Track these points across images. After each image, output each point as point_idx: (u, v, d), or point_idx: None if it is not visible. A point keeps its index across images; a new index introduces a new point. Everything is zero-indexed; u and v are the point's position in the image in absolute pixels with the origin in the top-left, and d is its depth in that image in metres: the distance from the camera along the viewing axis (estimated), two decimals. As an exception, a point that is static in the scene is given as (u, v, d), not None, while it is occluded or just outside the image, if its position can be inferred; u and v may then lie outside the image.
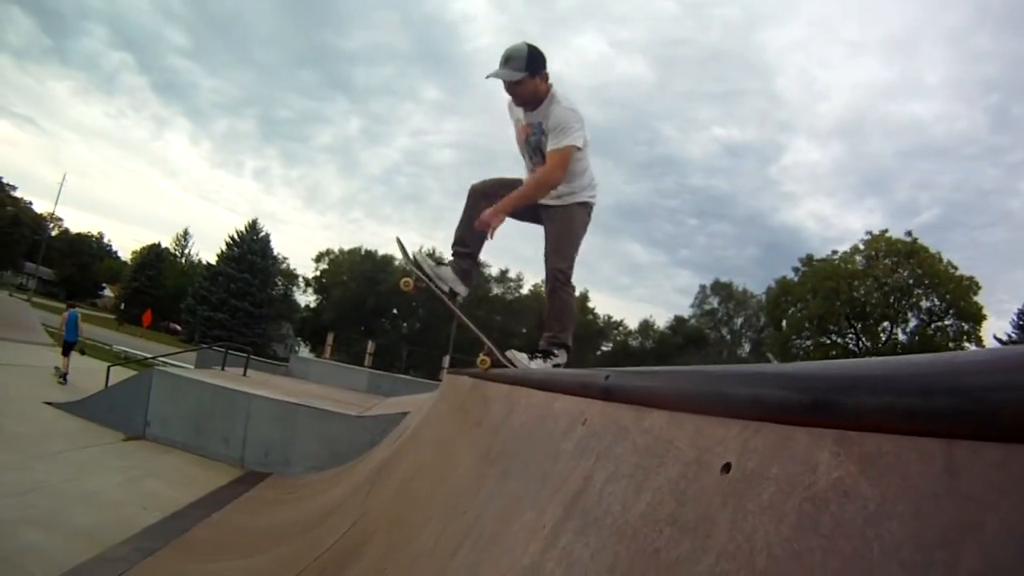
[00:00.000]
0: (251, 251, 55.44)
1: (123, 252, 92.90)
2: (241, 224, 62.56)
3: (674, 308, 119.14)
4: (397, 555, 3.38)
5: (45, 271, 76.56)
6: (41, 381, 15.10)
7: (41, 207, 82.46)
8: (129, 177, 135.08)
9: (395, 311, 66.10)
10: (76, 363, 16.81)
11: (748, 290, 68.82)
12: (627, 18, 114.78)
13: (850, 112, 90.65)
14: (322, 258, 71.14)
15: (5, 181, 74.54)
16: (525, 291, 66.26)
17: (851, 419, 0.86)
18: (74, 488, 7.64)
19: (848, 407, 0.87)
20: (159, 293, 65.19)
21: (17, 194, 76.61)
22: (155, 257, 70.52)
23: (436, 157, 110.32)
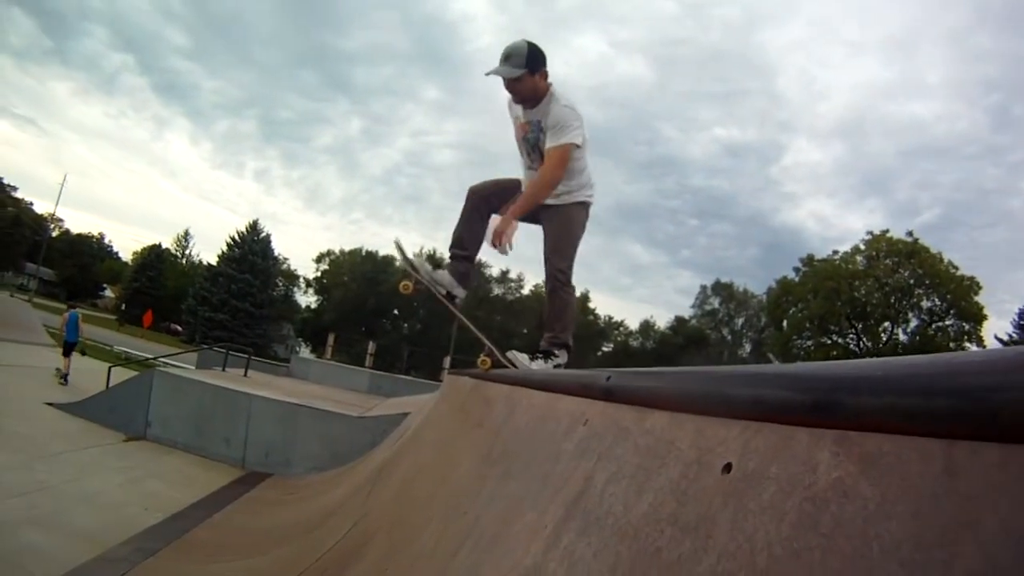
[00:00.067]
0: (252, 252, 55.47)
1: (124, 253, 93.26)
2: (242, 225, 62.87)
3: (675, 308, 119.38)
4: (398, 556, 3.39)
5: (46, 272, 76.59)
6: (42, 382, 15.09)
7: (42, 208, 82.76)
8: (130, 178, 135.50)
9: (396, 312, 66.11)
10: (77, 364, 16.82)
11: (749, 290, 68.96)
12: (627, 18, 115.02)
13: (850, 112, 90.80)
14: (323, 259, 71.36)
15: (6, 182, 74.89)
16: (526, 291, 66.36)
17: (851, 419, 0.86)
18: (75, 489, 7.64)
19: (849, 407, 0.87)
20: (160, 294, 65.19)
21: (18, 195, 76.95)
22: (156, 258, 70.52)
23: (437, 158, 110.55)
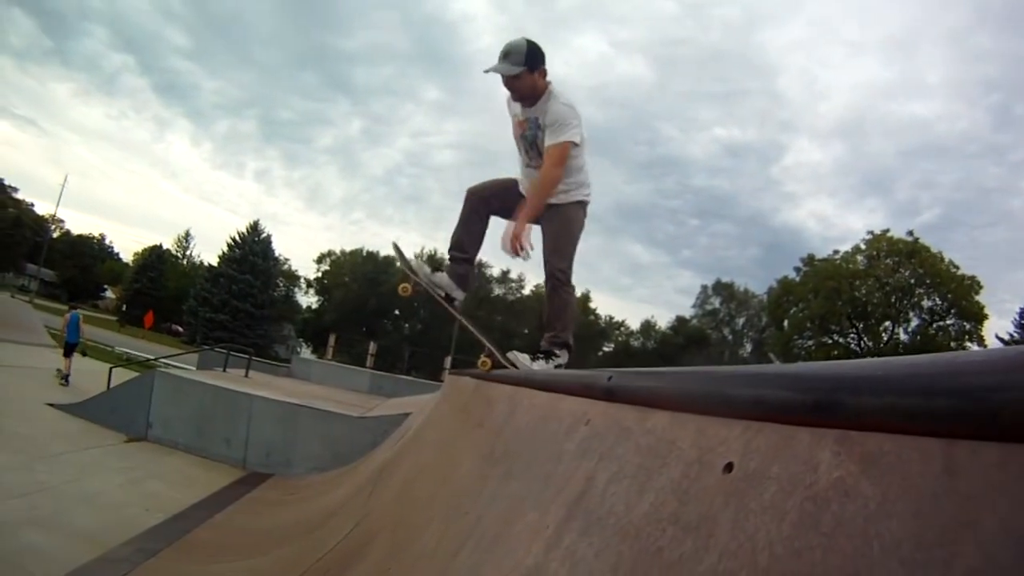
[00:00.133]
0: (253, 252, 55.44)
1: (125, 254, 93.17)
2: (243, 225, 62.86)
3: (676, 308, 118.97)
4: (400, 556, 3.39)
5: (47, 273, 76.57)
6: (43, 382, 15.09)
7: (43, 209, 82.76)
8: (130, 178, 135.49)
9: (397, 312, 66.11)
10: (78, 364, 16.82)
11: (750, 290, 68.84)
12: (627, 18, 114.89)
13: (851, 112, 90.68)
14: (324, 259, 71.37)
15: (7, 183, 74.90)
16: (527, 292, 66.31)
17: (852, 419, 0.87)
18: (76, 489, 7.64)
19: (850, 407, 0.88)
20: (161, 295, 65.17)
21: (19, 196, 76.95)
22: (157, 259, 70.48)
23: (437, 158, 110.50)
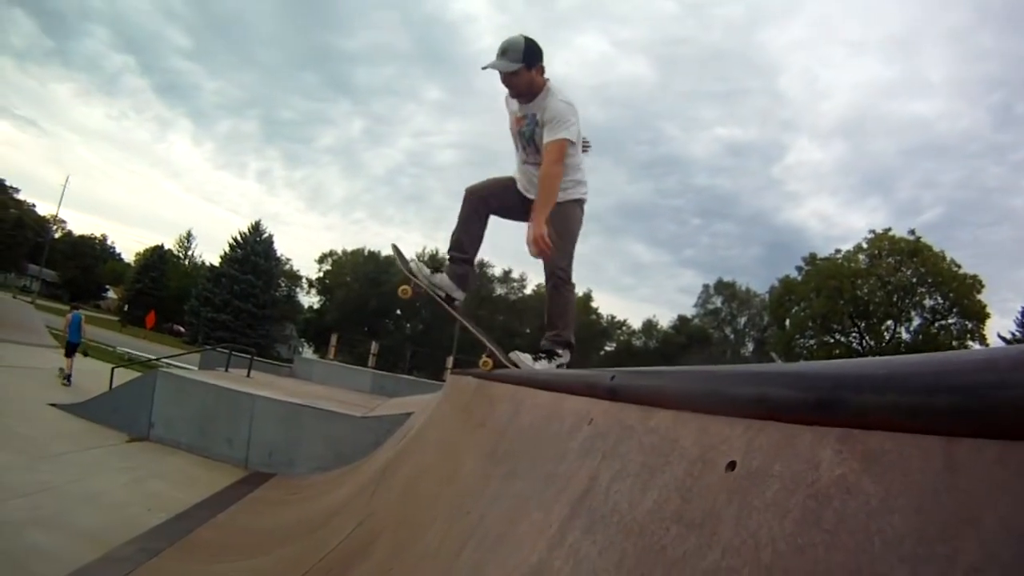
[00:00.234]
0: (254, 252, 55.47)
1: (126, 254, 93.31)
2: (244, 225, 62.96)
3: (677, 308, 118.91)
4: (403, 555, 3.39)
5: (48, 273, 76.58)
6: (45, 383, 15.10)
7: (44, 209, 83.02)
8: (132, 179, 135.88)
9: (398, 312, 66.12)
10: (80, 365, 16.81)
11: (751, 289, 68.85)
12: (628, 18, 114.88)
13: (852, 111, 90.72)
14: (325, 259, 71.41)
15: (8, 183, 74.98)
16: (528, 291, 66.28)
17: (854, 417, 0.88)
18: (79, 489, 7.65)
19: (851, 406, 0.88)
20: (162, 295, 65.18)
21: (20, 196, 77.04)
22: (158, 259, 70.50)
23: (438, 158, 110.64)
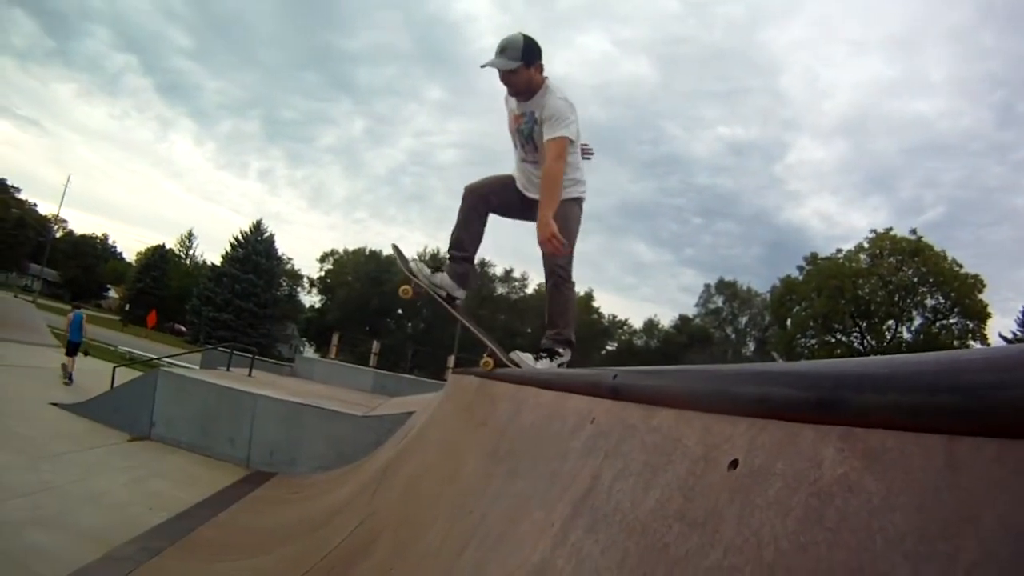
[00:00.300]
0: (256, 252, 55.43)
1: (128, 253, 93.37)
2: (246, 225, 62.99)
3: (679, 307, 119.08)
4: (404, 554, 3.40)
5: (50, 273, 76.62)
6: (46, 382, 15.08)
7: (45, 209, 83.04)
8: (133, 178, 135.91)
9: (400, 311, 66.11)
10: (81, 364, 16.79)
11: (753, 289, 68.83)
12: (630, 17, 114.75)
13: (854, 110, 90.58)
14: (327, 258, 71.43)
15: (9, 183, 75.12)
16: (530, 290, 66.25)
17: (856, 416, 0.88)
18: (80, 489, 7.66)
19: (853, 404, 0.89)
20: (164, 294, 65.13)
21: (22, 196, 77.17)
22: (160, 258, 70.47)
23: (440, 157, 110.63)
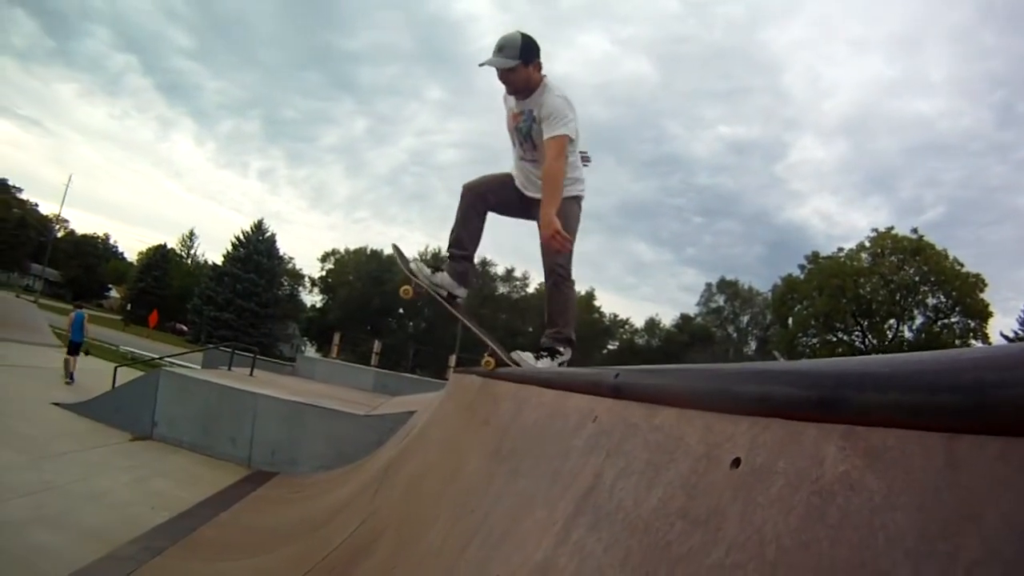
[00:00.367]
0: (257, 251, 55.41)
1: (129, 253, 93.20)
2: (247, 224, 62.95)
3: (680, 306, 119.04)
4: (407, 553, 3.40)
5: (51, 272, 76.66)
6: (48, 382, 15.08)
7: (47, 209, 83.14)
8: (134, 178, 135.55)
9: (401, 311, 66.12)
10: (83, 364, 16.79)
11: (754, 288, 68.75)
12: (631, 16, 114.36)
13: (855, 109, 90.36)
14: (328, 258, 71.46)
15: (11, 183, 75.25)
16: (531, 290, 66.22)
17: (857, 415, 0.88)
18: (82, 488, 7.67)
19: (854, 403, 0.89)
20: (165, 294, 65.11)
21: (23, 196, 77.37)
22: (161, 258, 70.43)
23: (441, 157, 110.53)
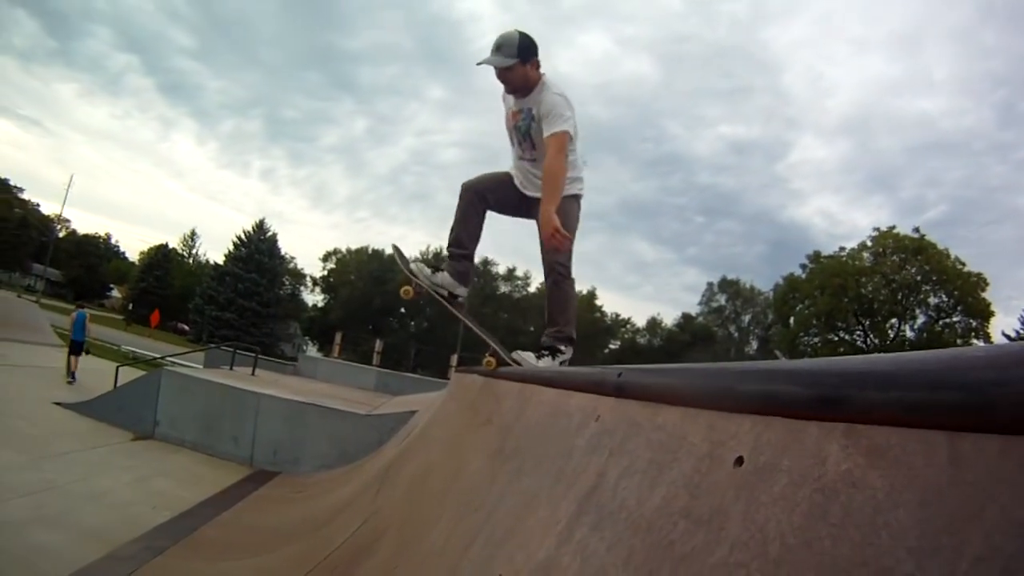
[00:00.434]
0: (258, 251, 55.45)
1: (130, 253, 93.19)
2: (248, 224, 62.97)
3: (682, 306, 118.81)
4: (409, 552, 3.41)
5: (53, 272, 76.66)
6: (50, 381, 15.11)
7: (48, 209, 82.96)
8: (136, 178, 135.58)
9: (403, 310, 66.10)
10: (84, 363, 16.81)
11: (756, 287, 68.71)
12: (632, 16, 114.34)
13: (857, 108, 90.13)
14: (329, 257, 71.52)
15: (12, 183, 75.33)
16: (532, 289, 66.17)
17: (860, 413, 0.89)
18: (84, 488, 7.69)
19: (857, 401, 0.90)
20: (167, 293, 65.12)
21: (24, 196, 77.39)
22: (163, 257, 70.41)
23: (442, 156, 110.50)
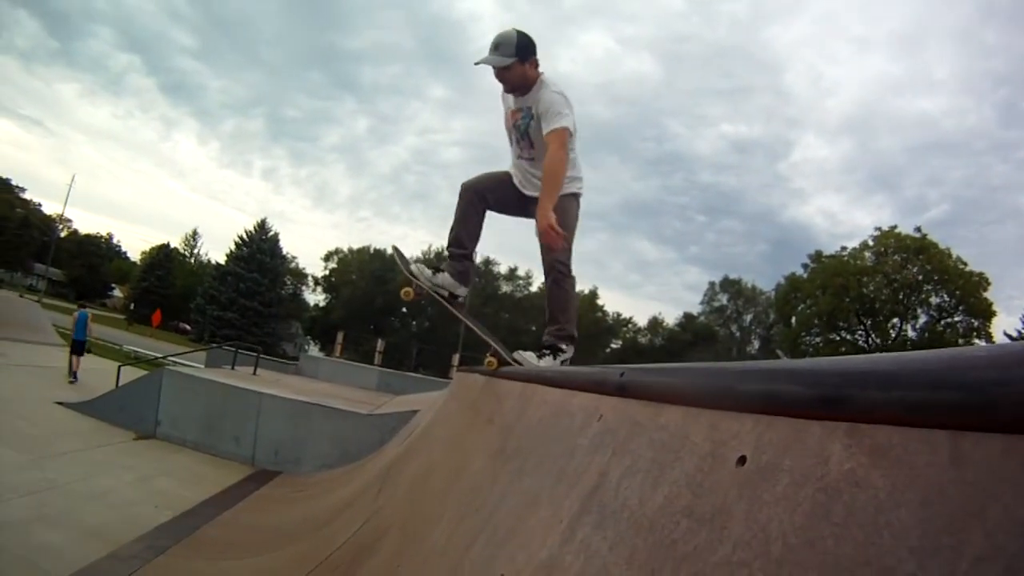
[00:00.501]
0: (260, 250, 55.45)
1: (132, 252, 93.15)
2: (250, 224, 62.77)
3: (683, 305, 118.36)
4: (410, 551, 3.41)
5: (55, 272, 76.70)
6: (52, 381, 15.14)
7: (50, 208, 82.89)
8: (137, 178, 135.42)
9: (404, 310, 66.03)
10: (86, 363, 16.87)
11: (757, 287, 68.57)
12: (634, 15, 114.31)
13: (858, 108, 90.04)
14: (331, 257, 71.36)
15: (14, 183, 75.36)
16: (534, 288, 66.07)
17: (862, 412, 0.89)
18: (86, 487, 7.71)
19: (859, 401, 0.90)
20: (169, 293, 65.20)
21: (26, 196, 77.43)
22: (164, 257, 70.47)
23: (444, 155, 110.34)
